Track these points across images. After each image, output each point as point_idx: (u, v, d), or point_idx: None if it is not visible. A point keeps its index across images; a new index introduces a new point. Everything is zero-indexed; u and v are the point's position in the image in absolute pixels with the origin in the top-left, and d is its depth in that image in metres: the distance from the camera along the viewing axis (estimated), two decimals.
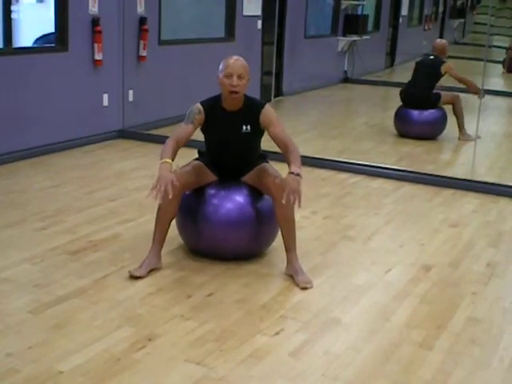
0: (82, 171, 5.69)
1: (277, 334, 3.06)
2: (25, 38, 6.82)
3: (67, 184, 5.28)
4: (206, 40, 8.25)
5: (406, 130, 7.62)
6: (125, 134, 7.01)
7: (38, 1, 7.72)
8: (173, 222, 3.71)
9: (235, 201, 3.74)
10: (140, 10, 7.07)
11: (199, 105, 3.71)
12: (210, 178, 3.80)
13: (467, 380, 2.77)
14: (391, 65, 14.06)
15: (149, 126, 7.22)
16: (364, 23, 11.85)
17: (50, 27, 6.34)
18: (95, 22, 6.44)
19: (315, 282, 3.61)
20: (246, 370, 2.75)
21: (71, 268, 3.68)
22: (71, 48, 6.30)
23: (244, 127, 3.70)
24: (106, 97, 6.83)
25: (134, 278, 3.54)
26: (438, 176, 5.84)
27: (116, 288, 3.45)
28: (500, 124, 9.48)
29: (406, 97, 7.64)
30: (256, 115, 3.67)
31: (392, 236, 4.50)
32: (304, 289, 3.54)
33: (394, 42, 14.00)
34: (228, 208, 3.71)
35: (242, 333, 3.05)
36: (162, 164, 3.44)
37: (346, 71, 12.10)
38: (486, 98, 7.70)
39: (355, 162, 6.15)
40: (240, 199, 3.74)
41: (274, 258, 3.91)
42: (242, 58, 3.68)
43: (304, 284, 3.56)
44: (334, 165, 6.13)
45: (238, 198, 3.75)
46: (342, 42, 11.66)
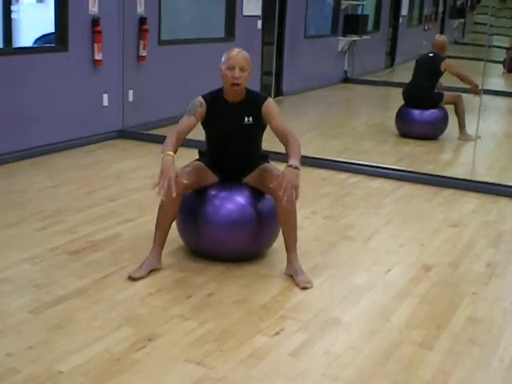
0: (82, 171, 5.69)
1: (277, 334, 3.06)
2: (25, 38, 6.82)
3: (67, 184, 5.28)
4: (206, 40, 8.26)
5: (408, 129, 7.61)
6: (125, 134, 7.01)
7: (38, 1, 7.71)
8: (173, 223, 3.71)
9: (236, 202, 3.72)
10: (140, 10, 7.07)
11: (201, 98, 3.71)
12: (210, 179, 3.78)
13: (467, 380, 2.77)
14: (391, 65, 14.05)
15: (149, 126, 7.22)
16: (364, 23, 11.86)
17: (50, 27, 6.35)
18: (95, 21, 6.45)
19: (315, 282, 3.61)
20: (245, 370, 2.75)
21: (71, 268, 3.68)
22: (71, 48, 6.30)
23: (246, 119, 3.69)
24: (105, 97, 6.83)
25: (133, 279, 3.53)
26: (437, 176, 5.84)
27: (116, 288, 3.45)
28: (500, 124, 9.48)
29: (408, 96, 7.62)
30: (258, 107, 3.67)
31: (392, 236, 4.50)
32: (304, 289, 3.54)
33: (393, 42, 13.99)
34: (229, 209, 3.70)
35: (242, 333, 3.05)
36: (165, 157, 3.40)
37: (345, 71, 12.11)
38: (486, 98, 7.70)
39: (355, 162, 6.15)
40: (241, 200, 3.73)
41: (275, 258, 3.91)
42: (245, 51, 3.68)
43: (304, 284, 3.56)
44: (334, 165, 6.13)
45: (238, 199, 3.73)
46: (342, 42, 11.66)
